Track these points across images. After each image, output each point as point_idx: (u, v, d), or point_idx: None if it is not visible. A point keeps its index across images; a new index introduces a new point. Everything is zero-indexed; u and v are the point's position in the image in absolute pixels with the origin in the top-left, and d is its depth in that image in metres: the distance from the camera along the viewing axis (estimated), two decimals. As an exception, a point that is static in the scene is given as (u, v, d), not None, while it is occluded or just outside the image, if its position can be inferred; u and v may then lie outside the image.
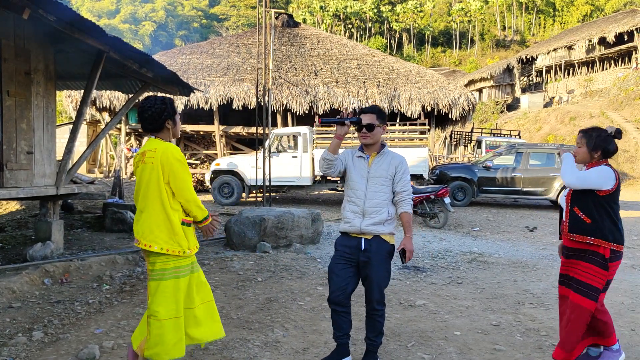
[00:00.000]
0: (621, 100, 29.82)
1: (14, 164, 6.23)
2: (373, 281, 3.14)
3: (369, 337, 3.25)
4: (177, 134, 2.96)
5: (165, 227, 2.76)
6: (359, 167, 3.24)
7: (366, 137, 3.20)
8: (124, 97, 14.91)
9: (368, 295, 3.20)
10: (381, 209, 3.16)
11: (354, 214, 3.19)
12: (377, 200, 3.16)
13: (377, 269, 3.14)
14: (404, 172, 3.23)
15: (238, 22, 74.64)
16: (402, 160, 3.25)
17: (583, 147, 3.21)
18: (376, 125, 3.18)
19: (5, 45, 6.03)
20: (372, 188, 3.18)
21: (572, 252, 3.22)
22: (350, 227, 3.20)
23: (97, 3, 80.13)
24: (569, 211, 3.21)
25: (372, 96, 16.12)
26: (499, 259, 7.11)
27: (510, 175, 12.85)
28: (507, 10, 67.50)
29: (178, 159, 2.78)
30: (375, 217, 3.15)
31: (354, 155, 3.29)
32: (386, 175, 3.20)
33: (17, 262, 5.91)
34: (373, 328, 3.23)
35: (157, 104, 2.83)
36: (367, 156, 3.25)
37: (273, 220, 7.04)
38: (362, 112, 3.23)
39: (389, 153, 3.27)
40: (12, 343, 3.53)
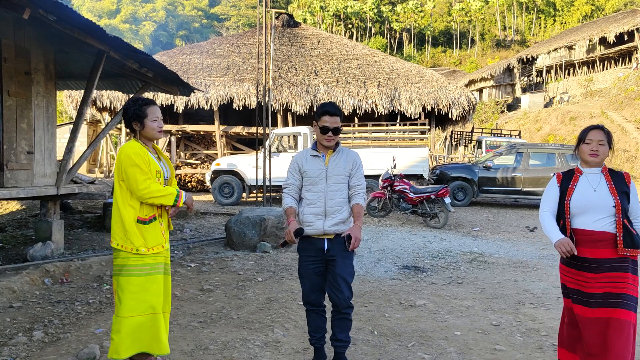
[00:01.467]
0: (621, 100, 29.80)
1: (15, 164, 6.23)
2: (340, 277, 3.08)
3: (340, 338, 3.14)
4: (150, 136, 2.93)
5: (121, 224, 2.81)
6: (316, 167, 3.15)
7: (331, 140, 3.12)
8: (124, 97, 14.92)
9: (336, 292, 3.10)
10: (342, 208, 3.12)
11: (315, 216, 3.11)
12: (338, 199, 3.12)
13: (343, 265, 3.10)
14: (359, 167, 3.20)
15: (238, 22, 74.66)
16: (357, 156, 3.22)
17: (606, 145, 2.91)
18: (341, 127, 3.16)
19: (6, 45, 6.03)
20: (331, 187, 3.12)
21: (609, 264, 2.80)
22: (312, 229, 3.11)
23: (97, 3, 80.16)
24: (622, 224, 2.80)
25: (372, 96, 16.13)
26: (500, 259, 7.10)
27: (510, 175, 12.85)
28: (508, 10, 67.50)
29: (129, 156, 2.80)
30: (337, 216, 3.10)
31: (308, 156, 3.20)
32: (344, 173, 3.14)
33: (17, 261, 5.91)
34: (344, 328, 3.14)
35: (128, 104, 2.94)
36: (322, 155, 3.17)
37: (273, 220, 7.04)
38: (326, 113, 3.09)
39: (343, 150, 3.22)
40: (13, 343, 3.53)
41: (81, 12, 10.43)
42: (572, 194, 2.90)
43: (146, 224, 2.82)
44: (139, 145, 2.89)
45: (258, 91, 12.80)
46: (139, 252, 2.78)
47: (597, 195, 2.84)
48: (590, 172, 2.92)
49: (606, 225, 2.81)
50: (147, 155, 2.86)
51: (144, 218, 2.81)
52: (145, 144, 2.95)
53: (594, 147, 2.87)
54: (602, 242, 2.81)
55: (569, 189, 2.92)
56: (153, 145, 3.03)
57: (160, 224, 2.89)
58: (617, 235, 2.78)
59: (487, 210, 12.75)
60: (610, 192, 2.84)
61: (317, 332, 3.21)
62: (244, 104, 15.57)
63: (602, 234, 2.81)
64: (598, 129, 2.92)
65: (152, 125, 2.91)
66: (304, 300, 3.24)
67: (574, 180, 2.94)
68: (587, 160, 2.92)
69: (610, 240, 2.80)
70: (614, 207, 2.80)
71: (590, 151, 2.88)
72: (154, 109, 2.93)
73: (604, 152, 2.89)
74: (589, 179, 2.91)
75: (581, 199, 2.86)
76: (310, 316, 3.24)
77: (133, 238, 2.79)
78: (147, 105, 2.91)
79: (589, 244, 2.83)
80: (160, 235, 2.87)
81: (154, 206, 2.85)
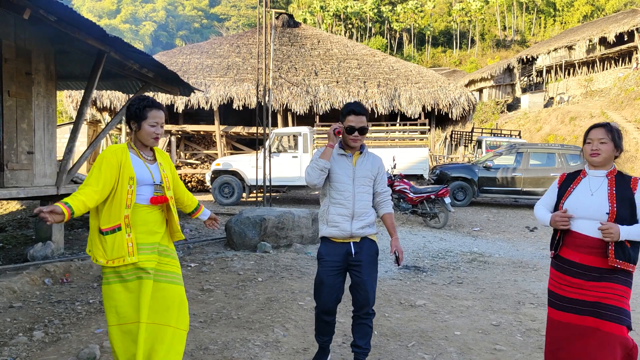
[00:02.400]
0: (621, 100, 29.81)
1: (15, 164, 6.24)
2: (366, 284, 2.99)
3: (360, 345, 3.05)
4: (143, 140, 2.74)
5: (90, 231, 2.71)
6: (343, 166, 3.05)
7: (357, 140, 3.04)
8: (124, 97, 14.92)
9: (360, 299, 3.02)
10: (369, 210, 3.07)
11: (342, 217, 3.01)
12: (365, 201, 3.06)
13: (369, 271, 3.02)
14: (384, 174, 3.19)
15: (238, 22, 74.69)
16: (382, 162, 3.21)
17: (609, 143, 2.72)
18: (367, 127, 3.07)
19: (6, 45, 6.04)
20: (359, 189, 3.04)
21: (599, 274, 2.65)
22: (339, 231, 3.00)
23: (97, 3, 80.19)
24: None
25: (372, 96, 16.13)
26: (500, 259, 7.11)
27: (510, 175, 12.85)
28: (508, 10, 67.51)
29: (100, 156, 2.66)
30: (365, 219, 3.03)
31: (336, 154, 3.08)
32: (370, 176, 3.09)
33: (17, 262, 5.92)
34: (364, 334, 3.06)
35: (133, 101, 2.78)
36: (350, 155, 3.08)
37: (273, 220, 7.04)
38: (352, 112, 3.01)
39: (369, 153, 3.17)
40: (13, 343, 3.53)
41: (81, 12, 10.43)
42: (568, 197, 2.78)
43: (105, 234, 2.60)
44: (121, 147, 2.71)
45: (258, 91, 12.80)
46: (98, 262, 2.63)
47: (592, 200, 2.69)
48: (594, 175, 2.76)
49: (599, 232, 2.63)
50: (120, 157, 2.65)
51: (103, 229, 2.61)
52: (139, 147, 2.77)
53: (595, 147, 2.72)
54: (593, 249, 2.66)
55: (567, 191, 2.80)
56: (154, 148, 2.85)
57: (128, 235, 2.61)
58: (609, 244, 2.60)
59: (487, 210, 12.75)
60: (608, 197, 2.66)
61: (326, 335, 3.14)
62: (244, 104, 15.58)
63: (594, 240, 2.65)
64: (600, 127, 2.75)
65: (148, 129, 2.71)
66: (321, 309, 3.05)
67: (576, 182, 2.81)
68: (590, 160, 2.76)
69: (601, 249, 2.63)
70: (607, 214, 2.62)
71: (591, 151, 2.74)
72: (156, 113, 2.73)
73: (607, 151, 2.70)
74: (590, 182, 2.76)
75: (575, 203, 2.73)
76: (321, 325, 3.10)
77: (94, 248, 2.65)
78: (150, 107, 2.72)
79: (580, 249, 2.70)
80: (125, 247, 2.59)
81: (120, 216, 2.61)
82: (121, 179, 2.63)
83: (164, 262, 2.76)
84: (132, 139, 2.79)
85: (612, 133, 2.73)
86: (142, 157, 2.75)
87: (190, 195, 3.09)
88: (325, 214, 3.08)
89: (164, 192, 2.78)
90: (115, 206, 2.63)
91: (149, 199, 2.72)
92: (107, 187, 2.62)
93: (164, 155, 2.93)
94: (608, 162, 2.74)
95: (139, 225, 2.69)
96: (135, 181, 2.65)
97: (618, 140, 2.75)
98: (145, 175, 2.71)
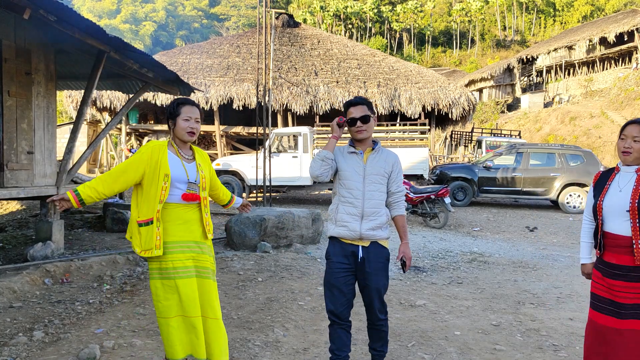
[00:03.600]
0: (621, 100, 29.81)
1: (15, 164, 6.24)
2: (374, 290, 2.89)
3: (376, 348, 3.03)
4: (179, 135, 2.84)
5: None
6: (354, 164, 2.93)
7: (362, 130, 2.91)
8: (124, 97, 14.93)
9: (370, 305, 2.94)
10: (380, 210, 2.91)
11: (352, 216, 2.87)
12: (376, 200, 2.90)
13: (378, 277, 2.90)
14: (400, 171, 3.02)
15: (238, 22, 74.69)
16: (397, 158, 3.03)
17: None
18: (370, 115, 2.92)
19: (6, 45, 6.04)
20: (369, 187, 2.90)
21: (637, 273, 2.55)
22: (347, 231, 2.88)
23: (97, 3, 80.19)
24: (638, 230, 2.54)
25: (372, 96, 16.13)
26: (500, 259, 7.11)
27: (510, 175, 12.85)
28: (508, 10, 67.50)
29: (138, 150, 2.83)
30: (375, 219, 2.88)
31: (346, 152, 2.98)
32: (382, 173, 2.93)
33: (17, 262, 5.91)
34: (379, 338, 3.02)
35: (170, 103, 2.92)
36: (360, 152, 2.95)
37: (273, 220, 7.04)
38: (350, 104, 2.95)
39: (383, 149, 3.02)
40: (13, 343, 3.53)
41: (81, 12, 10.43)
42: (606, 195, 2.67)
43: (140, 226, 2.76)
44: (160, 144, 2.81)
45: (258, 91, 12.81)
46: (135, 250, 2.80)
47: (619, 197, 2.61)
48: (625, 171, 2.67)
49: (628, 230, 2.56)
50: (157, 154, 2.76)
51: (139, 221, 2.77)
52: (178, 145, 2.85)
53: (628, 144, 2.61)
54: (623, 247, 2.58)
55: (605, 188, 2.69)
56: (192, 147, 2.93)
57: (157, 228, 2.72)
58: (634, 241, 2.52)
59: (487, 210, 12.75)
60: (632, 193, 2.57)
61: (341, 351, 2.91)
62: (244, 104, 15.59)
63: (623, 238, 2.58)
64: (635, 123, 2.63)
65: (182, 124, 2.79)
66: (329, 312, 2.93)
67: (610, 179, 2.71)
68: (620, 157, 2.67)
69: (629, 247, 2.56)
70: (627, 211, 2.55)
71: (624, 148, 2.63)
72: (190, 109, 2.82)
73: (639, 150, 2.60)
74: (619, 178, 2.67)
75: (607, 200, 2.66)
76: (335, 331, 2.93)
77: (133, 237, 2.81)
78: (183, 104, 2.84)
79: (615, 249, 2.62)
80: (153, 240, 2.71)
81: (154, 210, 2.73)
82: (156, 175, 2.73)
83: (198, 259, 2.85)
84: (171, 137, 2.90)
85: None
86: (180, 155, 2.83)
87: (225, 190, 3.27)
88: (334, 212, 2.96)
89: (198, 190, 2.84)
90: (150, 200, 2.74)
91: (181, 196, 2.80)
92: (130, 180, 2.76)
93: (204, 156, 3.01)
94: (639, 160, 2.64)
95: (175, 223, 2.79)
96: (169, 178, 2.74)
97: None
98: (180, 174, 2.79)
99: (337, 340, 2.92)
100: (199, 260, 2.84)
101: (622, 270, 2.58)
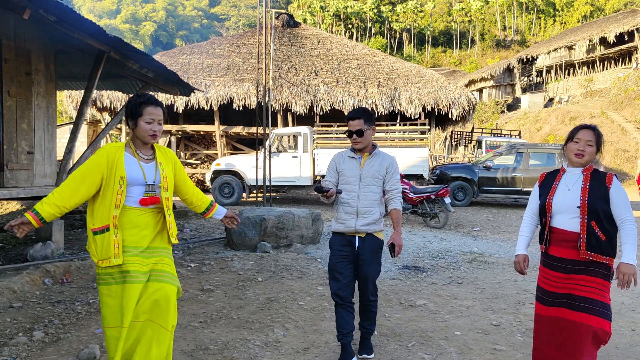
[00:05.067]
0: (621, 100, 29.81)
1: (15, 164, 6.24)
2: (367, 275, 3.32)
3: (365, 325, 3.47)
4: (140, 137, 2.67)
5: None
6: (352, 168, 3.35)
7: (357, 142, 3.32)
8: (124, 97, 14.92)
9: (362, 288, 3.37)
10: (373, 209, 3.30)
11: (348, 215, 3.31)
12: (370, 200, 3.30)
13: (370, 263, 3.31)
14: (394, 172, 3.38)
15: (238, 22, 74.72)
16: (392, 161, 3.40)
17: (594, 147, 2.81)
18: (365, 129, 3.29)
19: (6, 45, 6.04)
20: (364, 188, 3.31)
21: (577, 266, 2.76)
22: (345, 227, 3.32)
23: (97, 3, 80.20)
24: (586, 226, 2.73)
25: (372, 96, 16.13)
26: (500, 259, 7.11)
27: (510, 175, 12.85)
28: (508, 10, 67.50)
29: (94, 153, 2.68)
30: (369, 217, 3.29)
31: (346, 156, 3.40)
32: (377, 176, 3.32)
33: (17, 262, 5.91)
34: (368, 317, 3.46)
35: (131, 98, 2.74)
36: (359, 157, 3.37)
37: (273, 220, 7.04)
38: (349, 118, 3.31)
39: (379, 154, 3.40)
40: (13, 343, 3.53)
41: (81, 12, 10.42)
42: (554, 193, 2.86)
43: (95, 234, 2.59)
44: (116, 145, 2.65)
45: (258, 91, 12.81)
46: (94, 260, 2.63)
47: (568, 195, 2.80)
48: (571, 172, 2.87)
49: (576, 226, 2.76)
50: (113, 156, 2.59)
51: (93, 229, 2.59)
52: (137, 145, 2.69)
53: (581, 147, 2.79)
54: (571, 242, 2.78)
55: (552, 188, 2.89)
56: (155, 147, 2.76)
57: (115, 236, 2.55)
58: (580, 236, 2.73)
59: (487, 210, 12.75)
60: (581, 192, 2.77)
61: (344, 328, 3.32)
62: (244, 104, 15.58)
63: (571, 234, 2.77)
64: (589, 128, 2.83)
65: (144, 126, 2.63)
66: (333, 294, 3.35)
67: (557, 179, 2.91)
68: (572, 159, 2.84)
69: (575, 241, 2.76)
70: (578, 207, 2.74)
71: (577, 150, 2.81)
72: (152, 110, 2.64)
73: (591, 154, 2.80)
74: (567, 179, 2.87)
75: (556, 198, 2.84)
76: (338, 311, 3.35)
77: (90, 246, 2.64)
78: (146, 104, 2.64)
79: (560, 243, 2.82)
80: (111, 248, 2.54)
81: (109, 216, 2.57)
82: (112, 179, 2.57)
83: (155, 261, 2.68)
84: (131, 137, 2.74)
85: (599, 138, 2.82)
86: (137, 156, 2.67)
87: (200, 194, 2.98)
88: (335, 211, 3.41)
89: (159, 192, 2.68)
90: (105, 206, 2.58)
91: (138, 201, 2.63)
92: (92, 186, 2.58)
93: (168, 154, 2.82)
94: (588, 163, 2.84)
95: (128, 228, 2.61)
96: (125, 181, 2.58)
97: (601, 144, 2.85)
98: (137, 175, 2.62)
99: (341, 319, 3.33)
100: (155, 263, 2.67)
101: (564, 263, 2.80)
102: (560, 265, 2.81)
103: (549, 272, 2.88)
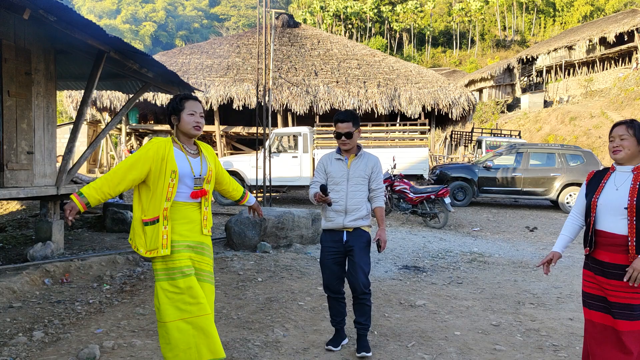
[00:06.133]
0: (621, 101, 29.81)
1: (15, 164, 6.23)
2: (357, 265, 3.41)
3: (360, 321, 3.48)
4: (185, 130, 2.81)
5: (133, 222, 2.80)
6: (339, 169, 3.50)
7: (345, 144, 3.46)
8: (124, 97, 14.93)
9: (354, 280, 3.43)
10: (361, 207, 3.46)
11: (337, 213, 3.47)
12: (357, 199, 3.46)
13: (360, 254, 3.44)
14: (379, 172, 3.54)
15: (238, 22, 74.72)
16: (377, 161, 3.55)
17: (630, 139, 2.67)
18: (353, 132, 3.44)
19: (6, 45, 6.03)
20: (352, 188, 3.47)
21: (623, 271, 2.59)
22: (333, 224, 3.49)
23: (97, 3, 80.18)
24: (635, 228, 2.56)
25: (372, 96, 16.13)
26: (499, 259, 7.11)
27: (510, 176, 12.85)
28: (508, 10, 67.50)
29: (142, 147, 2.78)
30: (356, 214, 3.46)
31: (333, 158, 3.56)
32: (364, 176, 3.48)
33: (17, 262, 5.91)
34: (363, 312, 3.47)
35: (170, 100, 2.89)
36: (345, 158, 3.52)
37: (273, 220, 7.04)
38: (338, 121, 3.44)
39: (365, 154, 3.56)
40: (13, 343, 3.53)
41: (81, 12, 10.43)
42: (601, 192, 2.72)
43: (146, 225, 2.70)
44: (165, 140, 2.76)
45: (258, 91, 12.81)
46: (139, 251, 2.72)
47: (616, 195, 2.65)
48: (621, 170, 2.73)
49: (624, 228, 2.60)
50: (164, 151, 2.71)
51: (145, 219, 2.71)
52: (183, 140, 2.83)
53: (616, 144, 2.70)
54: (618, 246, 2.62)
55: (600, 186, 2.75)
56: (197, 142, 2.90)
57: (164, 227, 2.66)
58: (629, 239, 2.56)
59: (487, 210, 12.75)
60: (629, 192, 2.61)
61: (337, 316, 3.57)
62: (244, 104, 15.58)
63: (619, 237, 2.61)
64: (621, 124, 2.72)
65: (187, 118, 2.78)
66: (324, 286, 3.57)
67: (605, 178, 2.77)
68: (612, 157, 2.74)
69: (625, 245, 2.59)
70: (626, 208, 2.59)
71: (613, 148, 2.72)
72: (193, 104, 2.83)
73: (629, 147, 2.66)
74: (616, 177, 2.73)
75: (602, 198, 2.70)
76: (331, 302, 3.57)
77: (136, 237, 2.74)
78: (186, 99, 2.83)
79: (607, 247, 2.66)
80: (159, 239, 2.65)
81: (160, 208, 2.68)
82: (163, 172, 2.69)
83: (198, 260, 2.80)
84: (175, 133, 2.86)
85: (634, 129, 2.67)
86: (185, 150, 2.80)
87: (235, 184, 3.23)
88: (324, 210, 3.56)
89: (203, 185, 2.81)
90: (156, 198, 2.69)
91: (190, 194, 2.76)
92: (139, 177, 2.68)
93: (209, 149, 2.99)
94: (634, 157, 2.69)
95: (180, 223, 2.74)
96: (177, 175, 2.70)
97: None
98: (186, 169, 2.75)
99: (333, 309, 3.58)
100: (199, 262, 2.80)
101: (616, 269, 2.61)
102: (608, 270, 2.65)
103: (594, 277, 2.73)
